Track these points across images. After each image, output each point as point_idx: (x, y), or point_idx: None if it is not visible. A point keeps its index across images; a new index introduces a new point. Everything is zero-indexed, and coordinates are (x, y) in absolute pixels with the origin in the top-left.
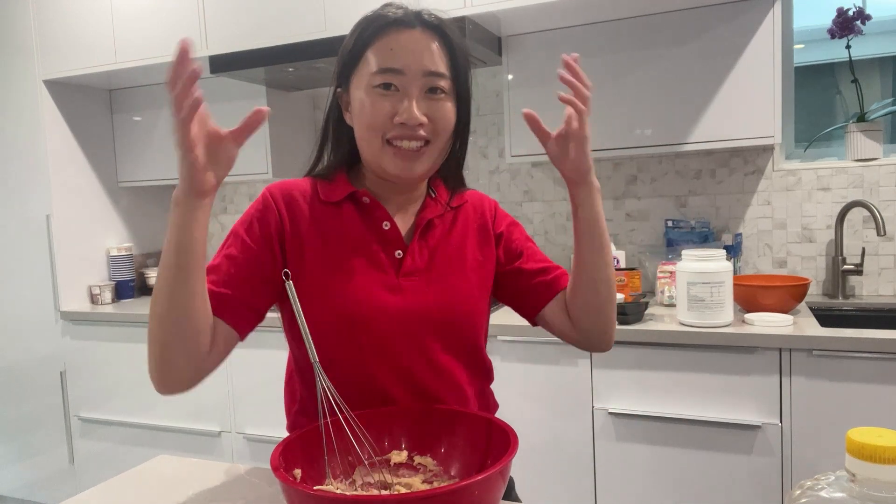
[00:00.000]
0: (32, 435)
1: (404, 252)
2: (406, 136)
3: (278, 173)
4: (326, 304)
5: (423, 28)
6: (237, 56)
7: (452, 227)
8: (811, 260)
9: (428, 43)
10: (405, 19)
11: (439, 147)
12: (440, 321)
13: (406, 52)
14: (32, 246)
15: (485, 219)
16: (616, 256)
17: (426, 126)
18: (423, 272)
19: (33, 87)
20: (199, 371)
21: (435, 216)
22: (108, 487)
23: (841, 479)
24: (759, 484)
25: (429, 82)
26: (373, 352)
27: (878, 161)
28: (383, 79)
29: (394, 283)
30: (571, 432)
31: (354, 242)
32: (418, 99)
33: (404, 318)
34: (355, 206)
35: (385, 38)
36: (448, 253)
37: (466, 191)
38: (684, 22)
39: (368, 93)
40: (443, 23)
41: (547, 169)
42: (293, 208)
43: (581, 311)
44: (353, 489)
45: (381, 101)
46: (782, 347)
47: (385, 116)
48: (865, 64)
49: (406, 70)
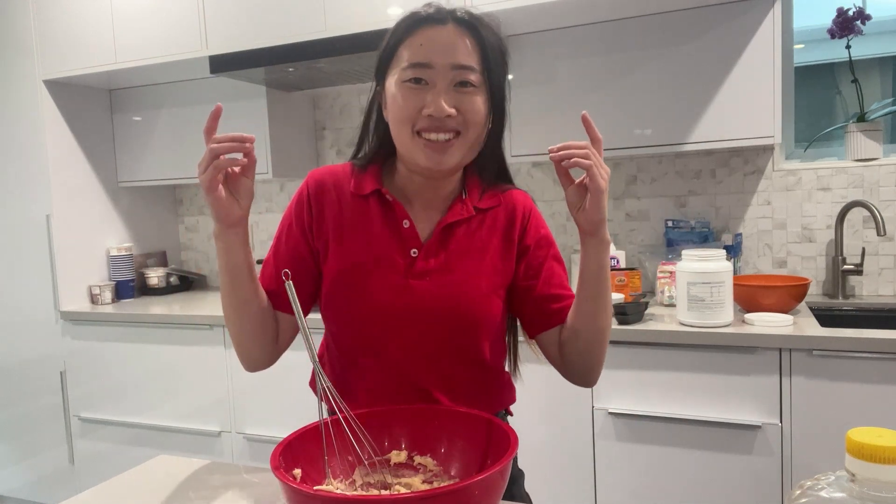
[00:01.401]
0: (32, 435)
1: (419, 251)
2: (434, 127)
3: (278, 173)
4: (333, 295)
5: (455, 24)
6: (237, 56)
7: (478, 231)
8: (811, 260)
9: (458, 38)
10: (437, 16)
11: (470, 139)
12: (442, 326)
13: (435, 46)
14: (32, 246)
15: (513, 227)
16: (616, 256)
17: (455, 118)
18: (436, 274)
19: (33, 87)
20: (275, 353)
21: (459, 219)
22: (108, 487)
23: (841, 479)
24: (759, 484)
25: (458, 76)
26: (369, 349)
27: (878, 161)
28: (413, 73)
29: (402, 283)
30: (571, 432)
31: (371, 238)
32: (447, 91)
33: (404, 318)
34: (380, 203)
35: (417, 34)
36: (467, 257)
37: (506, 189)
38: (684, 22)
39: (400, 87)
40: (476, 19)
41: (547, 169)
42: (323, 201)
43: (572, 349)
44: (353, 489)
45: (411, 95)
46: (782, 347)
47: (414, 109)
48: (865, 64)
49: (434, 64)
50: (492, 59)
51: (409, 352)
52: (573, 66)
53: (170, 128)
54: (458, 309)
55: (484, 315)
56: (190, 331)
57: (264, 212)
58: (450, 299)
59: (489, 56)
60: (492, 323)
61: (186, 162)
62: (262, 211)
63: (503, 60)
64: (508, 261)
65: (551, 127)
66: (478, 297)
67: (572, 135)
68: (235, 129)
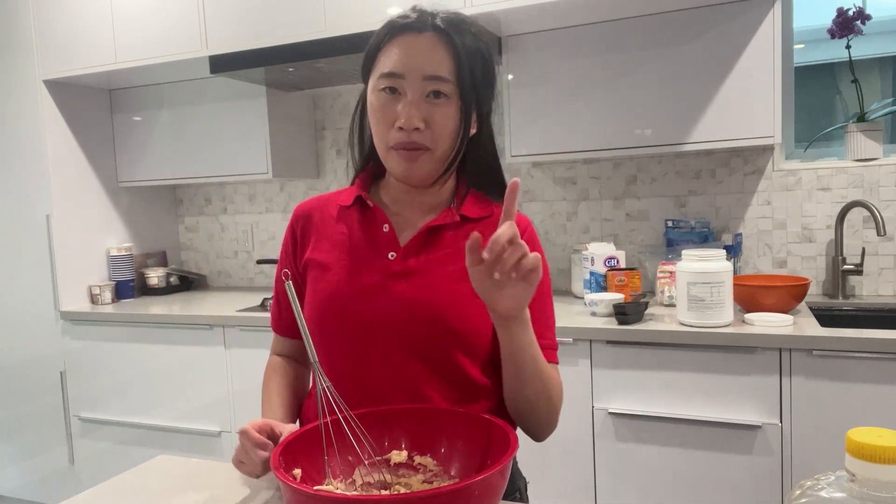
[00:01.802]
0: (32, 435)
1: (397, 254)
2: (403, 145)
3: (278, 173)
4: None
5: (434, 32)
6: (237, 56)
7: (463, 239)
8: (811, 260)
9: (433, 47)
10: (416, 24)
11: (438, 154)
12: (418, 332)
13: (409, 56)
14: (32, 246)
15: None
16: (616, 256)
17: (423, 133)
18: (412, 276)
19: (33, 87)
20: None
21: (443, 223)
22: (108, 487)
23: (841, 479)
24: (759, 484)
25: (429, 86)
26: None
27: (878, 161)
28: (386, 82)
29: (378, 285)
30: (571, 432)
31: (350, 243)
32: (418, 102)
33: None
34: (362, 210)
35: (394, 41)
36: (448, 261)
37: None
38: (684, 22)
39: (375, 94)
40: (456, 26)
41: (547, 169)
42: (307, 226)
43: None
44: (353, 489)
45: (385, 105)
46: (782, 347)
47: (387, 123)
48: (865, 64)
49: (406, 74)
50: (467, 67)
51: (390, 355)
52: (573, 66)
53: (170, 128)
54: (436, 313)
55: (463, 323)
56: (190, 331)
57: (264, 212)
58: (427, 303)
59: (464, 65)
60: (472, 332)
61: (186, 162)
62: (262, 211)
63: (485, 67)
64: None
65: (551, 127)
66: (458, 303)
67: (572, 134)
68: (235, 128)
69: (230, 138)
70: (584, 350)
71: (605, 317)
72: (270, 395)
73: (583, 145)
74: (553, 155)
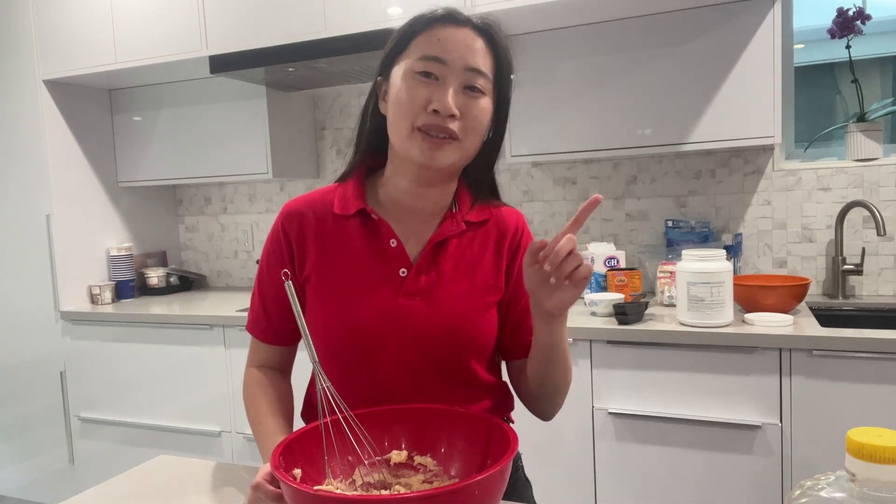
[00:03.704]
0: (32, 435)
1: (409, 271)
2: (434, 127)
3: (278, 173)
4: (319, 319)
5: (472, 28)
6: (237, 56)
7: (469, 247)
8: (811, 260)
9: (474, 42)
10: (457, 17)
11: (466, 146)
12: (435, 345)
13: (452, 44)
14: (32, 246)
15: (504, 241)
16: (616, 256)
17: (457, 122)
18: (426, 293)
19: (33, 87)
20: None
21: (450, 235)
22: (108, 487)
23: (841, 479)
24: (759, 484)
25: (469, 78)
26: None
27: (878, 161)
28: (425, 66)
29: (391, 304)
30: (571, 432)
31: (356, 259)
32: (455, 91)
33: (396, 339)
34: (364, 223)
35: (434, 29)
36: (459, 275)
37: (499, 205)
38: (684, 22)
39: (407, 78)
40: (493, 29)
41: (547, 169)
42: (302, 228)
43: (528, 388)
44: (353, 489)
45: (419, 87)
46: (782, 347)
47: (419, 103)
48: (865, 64)
49: (449, 61)
50: (503, 69)
51: (403, 372)
52: (573, 66)
53: (170, 128)
54: (452, 328)
55: (478, 334)
56: (190, 331)
57: (264, 212)
58: (443, 319)
59: (502, 66)
60: (486, 341)
61: (186, 162)
62: (262, 211)
63: (510, 74)
64: (500, 274)
65: (551, 127)
66: (471, 315)
67: (572, 134)
68: (235, 129)
69: (230, 138)
70: (585, 350)
71: (605, 317)
72: (264, 423)
73: (583, 145)
74: (553, 155)
